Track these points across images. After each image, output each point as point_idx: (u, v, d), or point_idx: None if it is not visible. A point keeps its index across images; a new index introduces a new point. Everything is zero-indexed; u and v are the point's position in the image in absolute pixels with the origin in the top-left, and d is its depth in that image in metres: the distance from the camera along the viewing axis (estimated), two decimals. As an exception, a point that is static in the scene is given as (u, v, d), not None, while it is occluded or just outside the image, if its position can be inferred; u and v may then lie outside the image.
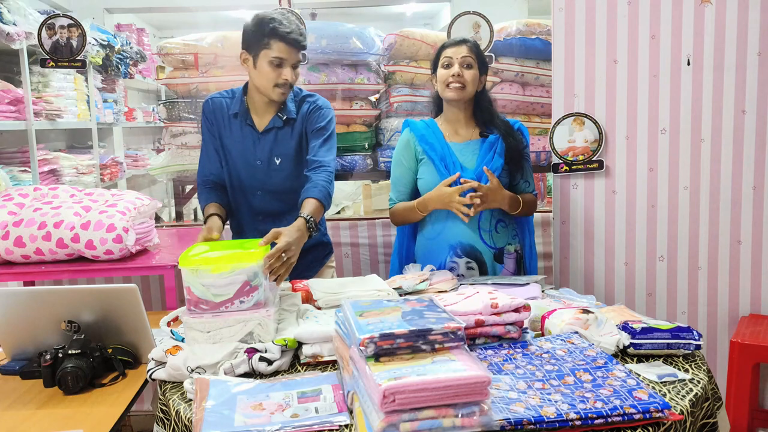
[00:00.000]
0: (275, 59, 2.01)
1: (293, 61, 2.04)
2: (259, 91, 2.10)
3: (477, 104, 2.22)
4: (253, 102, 2.15)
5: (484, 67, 2.20)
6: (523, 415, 1.15)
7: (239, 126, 2.16)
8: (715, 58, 2.49)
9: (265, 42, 2.01)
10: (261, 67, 2.04)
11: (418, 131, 2.24)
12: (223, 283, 1.52)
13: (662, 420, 1.17)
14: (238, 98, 2.17)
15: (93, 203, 2.39)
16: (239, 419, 1.21)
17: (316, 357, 1.50)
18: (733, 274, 2.58)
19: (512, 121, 2.27)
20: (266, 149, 2.15)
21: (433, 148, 2.19)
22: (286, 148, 2.16)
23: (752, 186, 2.53)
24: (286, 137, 2.16)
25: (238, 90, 2.20)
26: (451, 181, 2.09)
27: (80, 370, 1.55)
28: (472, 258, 2.17)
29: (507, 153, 2.18)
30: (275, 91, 2.06)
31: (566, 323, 1.57)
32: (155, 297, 2.94)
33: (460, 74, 2.13)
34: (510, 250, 2.23)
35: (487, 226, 2.18)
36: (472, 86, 2.16)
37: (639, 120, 2.56)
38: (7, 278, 2.36)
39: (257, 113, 2.16)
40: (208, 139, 2.18)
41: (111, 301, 1.67)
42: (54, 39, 2.88)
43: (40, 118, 3.32)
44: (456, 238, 2.17)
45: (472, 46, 2.17)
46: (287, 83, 2.05)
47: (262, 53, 2.03)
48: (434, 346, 1.17)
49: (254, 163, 2.15)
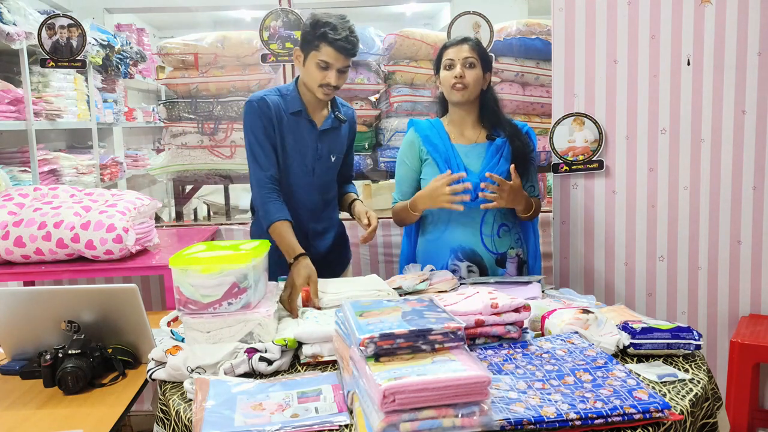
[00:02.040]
0: (322, 62, 2.04)
1: (340, 65, 2.06)
2: (306, 88, 2.14)
3: (483, 105, 2.19)
4: (307, 99, 2.17)
5: (487, 65, 2.17)
6: (523, 415, 1.15)
7: (298, 123, 2.16)
8: (715, 58, 2.49)
9: (315, 44, 2.04)
10: (309, 67, 2.08)
11: (423, 131, 2.22)
12: (211, 284, 1.52)
13: (662, 420, 1.17)
14: (294, 96, 2.17)
15: (93, 203, 2.39)
16: (239, 419, 1.21)
17: (316, 357, 1.50)
18: (733, 274, 2.58)
19: (520, 124, 2.24)
20: (325, 146, 2.20)
21: (437, 149, 2.18)
22: (340, 145, 2.26)
23: (752, 186, 2.53)
24: (341, 136, 2.25)
25: (285, 88, 2.21)
26: (442, 179, 2.03)
27: (80, 370, 1.55)
28: (474, 262, 2.15)
29: (513, 157, 2.15)
30: (319, 90, 2.09)
31: (566, 323, 1.57)
32: (155, 297, 2.94)
33: (463, 75, 2.10)
34: (512, 255, 2.20)
35: (489, 231, 2.16)
36: (475, 86, 2.13)
37: (639, 120, 2.56)
38: (7, 278, 2.36)
39: (312, 111, 2.19)
40: (265, 138, 2.12)
41: (111, 301, 1.67)
42: (54, 39, 2.88)
43: (40, 118, 3.32)
44: (457, 242, 2.16)
45: (474, 45, 2.15)
46: (330, 85, 2.07)
47: (311, 54, 2.06)
48: (434, 346, 1.17)
49: (313, 159, 2.18)
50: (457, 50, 2.13)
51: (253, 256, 1.58)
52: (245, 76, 3.05)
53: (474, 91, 2.13)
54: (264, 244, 1.73)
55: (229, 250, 1.60)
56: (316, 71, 2.06)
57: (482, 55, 2.15)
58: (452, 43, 2.17)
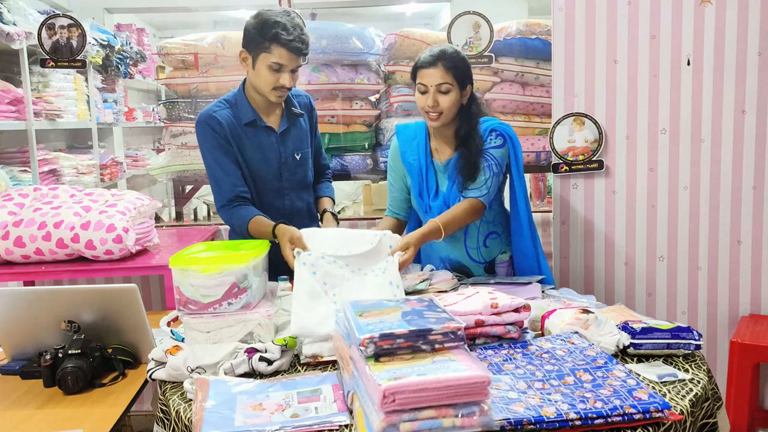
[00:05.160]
0: (275, 64, 1.99)
1: (293, 66, 2.01)
2: (257, 91, 2.08)
3: (462, 119, 2.06)
4: (256, 102, 2.12)
5: (465, 81, 2.01)
6: (523, 415, 1.15)
7: (255, 132, 2.10)
8: (715, 58, 2.49)
9: (265, 45, 1.98)
10: (259, 70, 2.02)
11: (402, 146, 2.16)
12: (211, 283, 1.52)
13: (662, 420, 1.17)
14: (244, 104, 2.10)
15: (93, 203, 2.39)
16: (239, 419, 1.21)
17: (316, 357, 1.50)
18: (733, 274, 2.58)
19: (488, 124, 2.08)
20: (288, 147, 2.15)
21: (411, 168, 2.13)
22: (304, 139, 2.20)
23: (752, 186, 2.53)
24: (301, 130, 2.20)
25: (232, 96, 2.13)
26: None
27: (80, 370, 1.55)
28: (461, 272, 2.17)
29: (459, 167, 2.04)
30: (272, 93, 2.04)
31: (566, 323, 1.57)
32: (155, 297, 2.94)
33: (435, 104, 1.98)
34: (504, 259, 2.21)
35: (474, 243, 2.15)
36: (450, 111, 2.01)
37: (639, 120, 2.56)
38: (7, 278, 2.36)
39: (266, 115, 2.13)
40: (223, 155, 2.06)
41: (111, 301, 1.67)
42: (54, 39, 2.88)
43: (40, 118, 3.32)
44: (444, 252, 2.18)
45: (448, 65, 1.96)
46: (285, 87, 2.02)
47: (261, 56, 2.00)
48: (434, 346, 1.17)
49: (280, 163, 2.14)
50: (429, 75, 1.97)
51: (253, 256, 1.58)
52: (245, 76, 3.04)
53: (449, 115, 2.02)
54: (264, 244, 1.73)
55: (229, 250, 1.60)
56: (268, 74, 2.00)
57: (459, 74, 1.98)
58: (424, 63, 2.00)
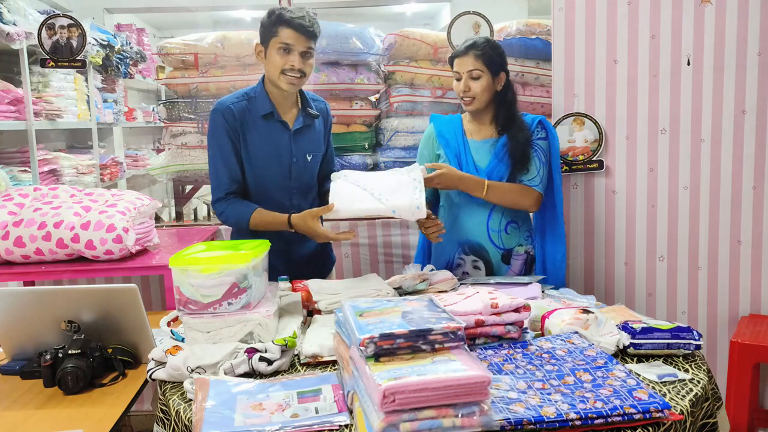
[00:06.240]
0: (283, 45, 1.99)
1: (302, 47, 1.99)
2: (271, 82, 2.07)
3: (498, 105, 2.18)
4: (274, 96, 2.10)
5: (498, 68, 2.14)
6: (523, 415, 1.15)
7: (270, 126, 2.09)
8: (715, 58, 2.49)
9: (274, 31, 2.00)
10: (270, 56, 2.03)
11: (439, 126, 2.27)
12: (211, 283, 1.52)
13: (662, 420, 1.17)
14: (262, 97, 2.10)
15: (93, 203, 2.39)
16: (239, 419, 1.21)
17: (316, 357, 1.50)
18: (733, 274, 2.58)
19: (531, 117, 2.22)
20: (300, 146, 2.13)
21: (448, 144, 2.22)
22: (316, 143, 2.19)
23: (752, 186, 2.53)
24: (315, 133, 2.18)
25: (252, 90, 2.13)
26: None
27: (80, 370, 1.55)
28: (479, 257, 2.20)
29: (511, 152, 2.15)
30: (282, 78, 2.01)
31: (566, 323, 1.57)
32: (155, 297, 2.94)
33: (468, 89, 2.12)
34: (520, 252, 2.23)
35: (497, 226, 2.19)
36: (483, 96, 2.13)
37: (639, 120, 2.56)
38: (7, 278, 2.36)
39: (283, 111, 2.12)
40: (229, 147, 2.06)
41: (111, 301, 1.67)
42: (54, 39, 2.88)
43: (40, 118, 3.32)
44: (464, 236, 2.21)
45: (479, 53, 2.11)
46: (294, 69, 2.00)
47: (271, 42, 2.01)
48: (434, 346, 1.17)
49: (289, 161, 2.12)
50: (461, 62, 2.14)
51: (253, 256, 1.58)
52: (245, 76, 3.05)
53: (482, 99, 2.14)
54: (264, 244, 1.73)
55: (229, 250, 1.60)
56: (277, 57, 2.00)
57: (490, 61, 2.12)
58: (458, 53, 2.16)
